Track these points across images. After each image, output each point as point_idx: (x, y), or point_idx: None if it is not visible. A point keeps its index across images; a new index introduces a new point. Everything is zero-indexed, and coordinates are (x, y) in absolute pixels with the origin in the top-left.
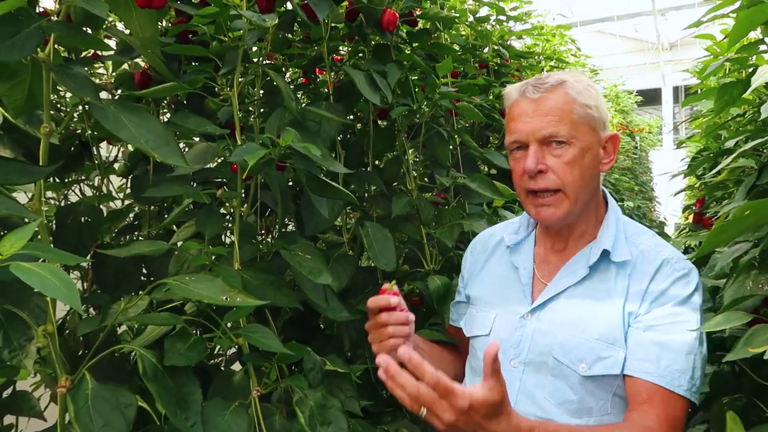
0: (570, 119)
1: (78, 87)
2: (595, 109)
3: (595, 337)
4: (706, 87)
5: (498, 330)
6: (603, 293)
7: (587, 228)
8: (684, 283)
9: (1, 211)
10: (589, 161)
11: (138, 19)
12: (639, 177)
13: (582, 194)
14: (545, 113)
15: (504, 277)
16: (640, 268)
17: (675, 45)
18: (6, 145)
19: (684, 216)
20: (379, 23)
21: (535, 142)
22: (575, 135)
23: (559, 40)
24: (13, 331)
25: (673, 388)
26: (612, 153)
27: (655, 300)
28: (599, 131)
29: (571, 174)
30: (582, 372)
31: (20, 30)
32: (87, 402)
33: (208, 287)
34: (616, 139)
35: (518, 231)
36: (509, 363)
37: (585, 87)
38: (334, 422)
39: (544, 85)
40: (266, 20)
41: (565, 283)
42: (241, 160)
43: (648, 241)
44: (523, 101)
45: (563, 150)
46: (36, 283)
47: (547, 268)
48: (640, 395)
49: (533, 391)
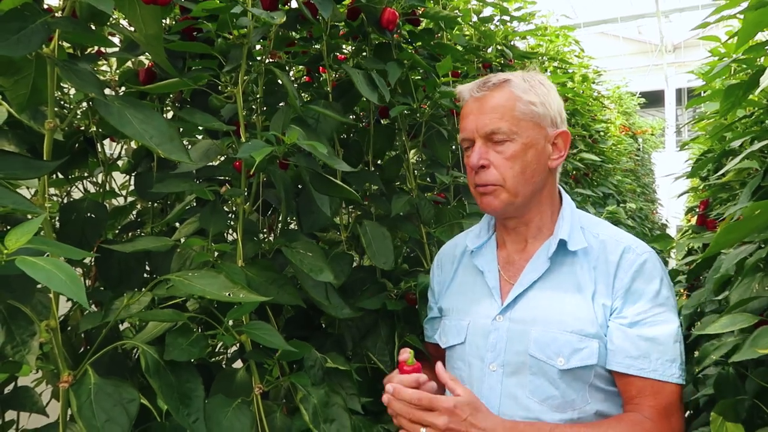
0: (511, 116)
1: (83, 83)
2: (541, 105)
3: (569, 330)
4: (710, 89)
5: (472, 336)
6: (570, 285)
7: (543, 223)
8: (648, 272)
9: (7, 205)
10: (533, 157)
11: (142, 16)
12: (641, 179)
13: (522, 189)
14: (488, 111)
15: (472, 283)
16: (603, 258)
17: (678, 47)
18: (10, 140)
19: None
20: (379, 22)
21: (480, 138)
22: (516, 131)
23: (563, 41)
24: (16, 327)
25: (666, 378)
26: (563, 149)
27: (627, 294)
28: (545, 127)
29: (512, 169)
30: (560, 366)
31: (26, 25)
32: (90, 397)
33: (211, 283)
34: (566, 135)
35: (479, 235)
36: (488, 367)
37: (531, 85)
38: (338, 419)
39: (488, 84)
40: (274, 17)
41: (530, 279)
42: (247, 156)
43: (605, 230)
44: (471, 100)
45: (505, 146)
46: (42, 278)
47: (511, 269)
48: (633, 390)
49: (515, 392)
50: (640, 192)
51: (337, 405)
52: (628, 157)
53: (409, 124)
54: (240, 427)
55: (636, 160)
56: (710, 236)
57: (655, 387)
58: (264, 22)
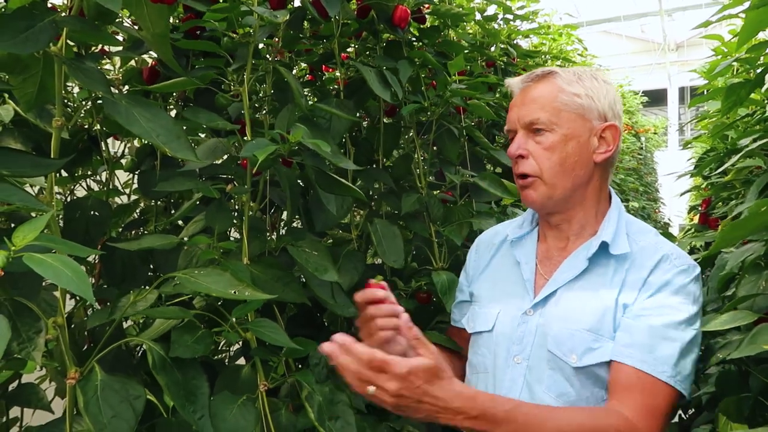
0: (552, 106)
1: (90, 81)
2: (586, 97)
3: (586, 327)
4: (713, 87)
5: (501, 325)
6: (598, 285)
7: (587, 221)
8: (682, 280)
9: (15, 202)
10: (573, 148)
11: (149, 15)
12: (644, 178)
13: (561, 181)
14: (529, 101)
15: (507, 272)
16: (638, 262)
17: (681, 46)
18: (17, 139)
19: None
20: (391, 19)
21: (521, 128)
22: (557, 122)
23: (566, 40)
24: (22, 324)
25: (656, 374)
26: (611, 143)
27: (648, 290)
28: (591, 120)
29: (549, 160)
30: (573, 363)
31: (34, 24)
32: (96, 393)
33: (217, 281)
34: (615, 129)
35: (522, 226)
36: (513, 359)
37: (579, 77)
38: (342, 417)
39: (532, 75)
40: (278, 16)
41: (564, 278)
42: (251, 155)
43: (649, 238)
44: (516, 92)
45: (544, 136)
46: (49, 274)
47: (549, 264)
48: (621, 381)
49: (533, 386)
50: (642, 191)
51: (342, 403)
52: (630, 155)
53: (417, 122)
54: (245, 424)
55: (639, 159)
56: (712, 235)
57: (645, 383)
58: (268, 20)
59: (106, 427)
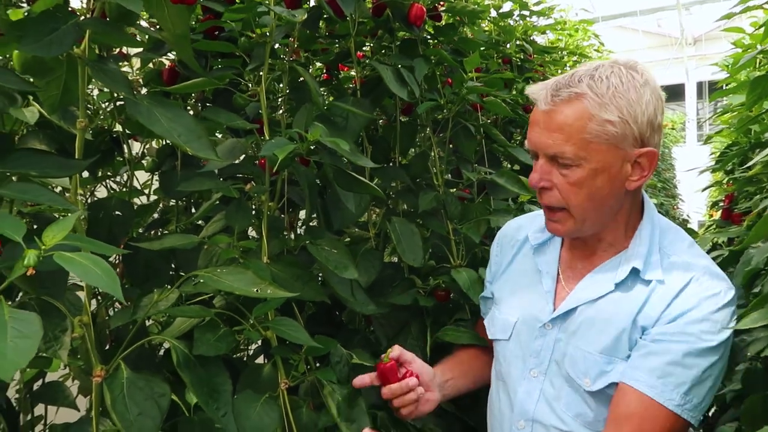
0: (579, 138)
1: (112, 82)
2: (620, 124)
3: (599, 350)
4: (735, 81)
5: (518, 336)
6: (623, 308)
7: (616, 238)
8: (710, 305)
9: (44, 202)
10: (603, 182)
11: (170, 16)
12: (662, 174)
13: (591, 215)
14: (553, 130)
15: (528, 279)
16: (666, 283)
17: (699, 40)
18: (41, 140)
19: (710, 213)
20: (407, 17)
21: (543, 156)
22: (585, 156)
23: (582, 35)
24: (48, 323)
25: (662, 401)
26: (647, 169)
27: (670, 314)
28: (625, 148)
29: (576, 196)
30: (586, 387)
31: (58, 26)
32: (122, 391)
33: (239, 279)
34: (652, 154)
35: (544, 229)
36: (529, 372)
37: (611, 97)
38: (357, 422)
39: (559, 95)
40: (296, 15)
41: (586, 296)
42: (270, 154)
43: (682, 253)
44: (538, 109)
45: (570, 171)
46: (79, 272)
47: (572, 275)
48: (622, 405)
49: (552, 402)
50: (660, 187)
51: (359, 407)
52: None
53: (433, 120)
54: (269, 421)
55: None
56: (736, 230)
57: (648, 410)
58: (286, 20)
59: (133, 425)
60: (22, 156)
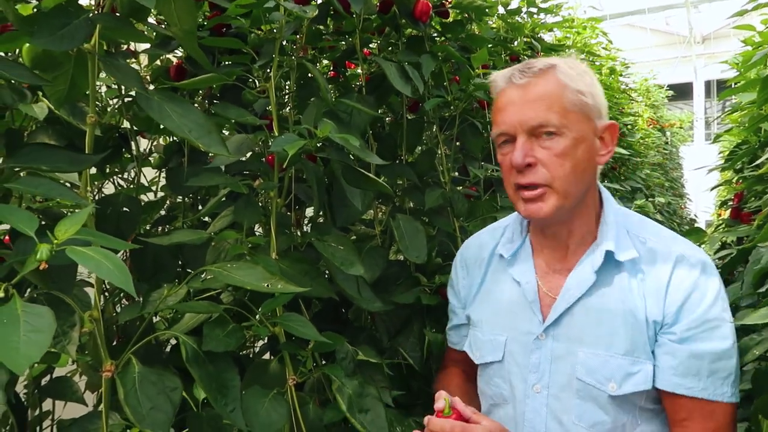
0: (561, 106)
1: (124, 77)
2: (590, 96)
3: (621, 353)
4: (745, 79)
5: (512, 355)
6: (619, 303)
7: (587, 228)
8: (705, 282)
9: (56, 197)
10: (583, 153)
11: (177, 11)
12: (669, 173)
13: (574, 189)
14: (534, 100)
15: (507, 294)
16: (654, 273)
17: (707, 38)
18: (51, 136)
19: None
20: (413, 14)
21: (523, 133)
22: (567, 124)
23: (590, 33)
24: (57, 318)
25: (718, 398)
26: (610, 143)
27: (680, 309)
28: (594, 120)
29: (562, 167)
30: (612, 392)
31: (70, 21)
32: (134, 385)
33: (249, 274)
34: (614, 128)
35: (512, 239)
36: (532, 389)
37: (578, 72)
38: (372, 409)
39: (531, 69)
40: (306, 11)
41: (574, 295)
42: (281, 149)
43: (653, 235)
44: (510, 89)
45: (554, 141)
46: (91, 266)
47: (552, 280)
48: (681, 413)
49: (561, 417)
50: (668, 186)
51: (371, 396)
52: (656, 150)
53: (440, 117)
54: (277, 417)
55: (664, 154)
56: (745, 229)
57: (705, 408)
58: (296, 15)
59: (145, 419)
60: (32, 151)
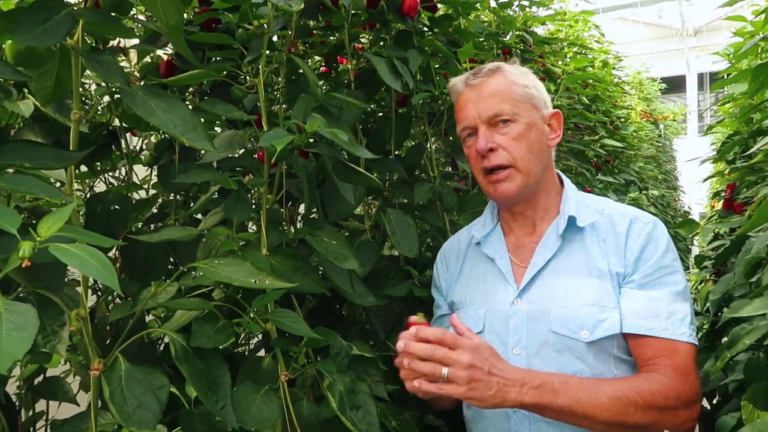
0: (511, 98)
1: (107, 73)
2: (533, 88)
3: (590, 302)
4: (736, 70)
5: (491, 323)
6: (583, 260)
7: (549, 203)
8: (656, 237)
9: (38, 193)
10: (536, 136)
11: (162, 6)
12: (663, 165)
13: (533, 167)
14: (488, 95)
15: (483, 271)
16: (611, 231)
17: (700, 31)
18: (37, 133)
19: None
20: (400, 9)
21: (483, 124)
22: (518, 112)
23: (583, 27)
24: (46, 317)
25: (677, 337)
26: (558, 129)
27: (637, 260)
28: (541, 109)
29: (519, 148)
30: (585, 339)
31: (51, 16)
32: (121, 383)
33: (237, 271)
34: (558, 115)
35: (485, 225)
36: (512, 351)
37: (521, 71)
38: (364, 406)
39: (482, 71)
40: (292, 5)
41: (543, 258)
42: (269, 145)
43: (609, 205)
44: (467, 90)
45: (509, 128)
46: (75, 263)
47: (522, 253)
48: (647, 352)
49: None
50: (662, 179)
51: (363, 392)
52: (649, 143)
53: (429, 111)
54: (269, 413)
55: (657, 147)
56: (738, 220)
57: (668, 347)
58: (283, 10)
59: (131, 417)
60: (16, 148)
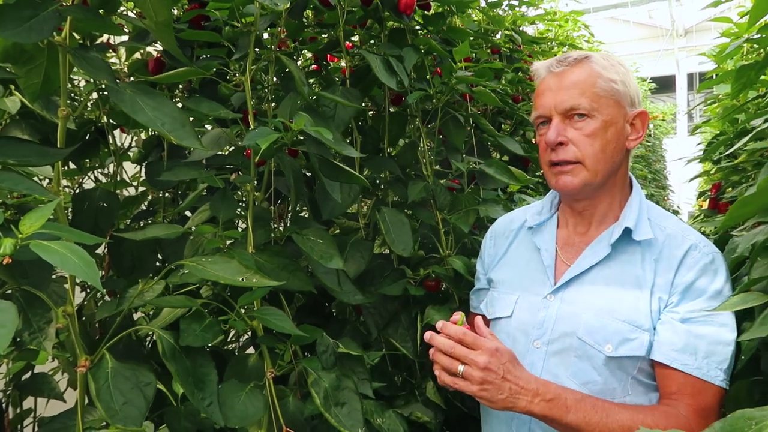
0: (592, 92)
1: (94, 70)
2: (621, 84)
3: (622, 318)
4: (722, 71)
5: (520, 311)
6: (630, 276)
7: (611, 208)
8: (713, 272)
9: (22, 190)
10: (612, 135)
11: (152, 3)
12: (652, 165)
13: (602, 168)
14: (568, 86)
15: (526, 259)
16: (667, 253)
17: (690, 31)
18: (24, 130)
19: (699, 203)
20: (397, 6)
21: (558, 115)
22: (597, 108)
23: (572, 26)
24: (32, 314)
25: (710, 379)
26: (641, 129)
27: (686, 291)
28: (625, 106)
29: (591, 146)
30: (607, 353)
31: (38, 13)
32: (107, 380)
33: (224, 268)
34: (644, 115)
35: (541, 212)
36: (532, 344)
37: (611, 63)
38: (348, 403)
39: (568, 59)
40: (278, 4)
41: (588, 262)
42: (253, 143)
43: (673, 225)
44: (548, 76)
45: (585, 123)
46: (56, 261)
47: (570, 250)
48: (671, 386)
49: (557, 371)
50: (651, 178)
51: (348, 389)
52: None
53: (423, 110)
54: (253, 410)
55: (647, 146)
56: (722, 219)
57: (696, 386)
58: (270, 9)
59: (118, 414)
60: (1, 144)
